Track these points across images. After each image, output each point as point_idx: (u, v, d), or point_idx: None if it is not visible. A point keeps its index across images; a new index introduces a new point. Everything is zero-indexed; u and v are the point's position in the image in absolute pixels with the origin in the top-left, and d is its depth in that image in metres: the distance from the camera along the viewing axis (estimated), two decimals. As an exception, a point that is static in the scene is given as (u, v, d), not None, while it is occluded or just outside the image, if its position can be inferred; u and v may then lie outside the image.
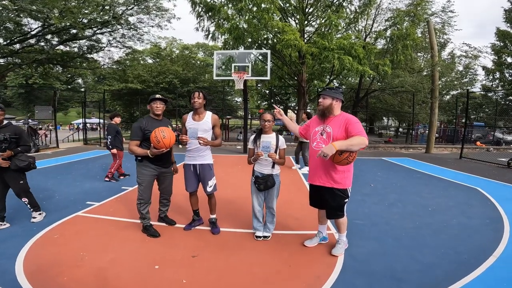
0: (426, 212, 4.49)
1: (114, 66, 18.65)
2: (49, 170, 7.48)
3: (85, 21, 13.41)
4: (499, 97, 23.05)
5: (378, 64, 11.71)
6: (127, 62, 19.81)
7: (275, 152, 3.09)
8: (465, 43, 21.70)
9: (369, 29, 15.44)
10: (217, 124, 3.36)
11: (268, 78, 9.31)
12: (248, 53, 9.58)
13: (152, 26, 16.18)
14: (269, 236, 3.31)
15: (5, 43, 13.70)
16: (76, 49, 16.62)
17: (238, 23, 11.17)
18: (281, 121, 3.30)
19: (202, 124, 3.24)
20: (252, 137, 3.21)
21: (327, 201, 2.77)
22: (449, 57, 19.23)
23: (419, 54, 17.49)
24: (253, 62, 11.48)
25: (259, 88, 22.37)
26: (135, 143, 3.16)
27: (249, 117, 38.01)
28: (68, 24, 12.75)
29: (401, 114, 18.37)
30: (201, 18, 13.84)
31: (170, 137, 2.97)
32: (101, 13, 13.70)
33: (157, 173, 3.34)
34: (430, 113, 12.77)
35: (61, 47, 16.12)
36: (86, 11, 13.24)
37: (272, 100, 23.32)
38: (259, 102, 29.04)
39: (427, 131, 22.35)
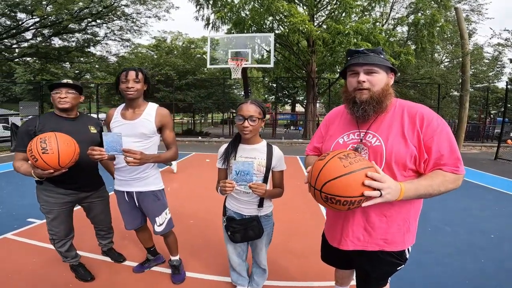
0: (489, 240, 3.18)
1: (114, 60, 17.71)
2: (15, 174, 6.45)
3: (74, 12, 12.40)
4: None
5: (400, 52, 10.24)
6: (132, 57, 18.88)
7: (265, 178, 1.69)
8: (507, 30, 19.52)
9: (387, 17, 13.94)
10: (167, 123, 2.02)
11: (271, 65, 8.03)
12: (247, 37, 8.24)
13: (149, 17, 15.09)
14: (257, 294, 2.06)
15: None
16: (74, 43, 15.75)
17: (238, 8, 9.90)
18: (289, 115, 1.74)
19: (138, 125, 1.92)
20: (223, 148, 1.79)
21: (365, 271, 1.43)
22: (475, 46, 17.55)
23: (437, 46, 15.84)
24: (257, 52, 10.18)
25: (266, 81, 20.99)
26: (21, 157, 1.93)
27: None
28: (56, 17, 11.81)
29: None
30: (200, 5, 12.68)
31: (58, 151, 1.65)
32: (92, 4, 12.68)
33: (73, 199, 2.12)
34: (459, 108, 11.27)
35: (59, 41, 15.31)
36: (80, 3, 12.27)
37: (279, 94, 21.93)
38: (266, 96, 27.63)
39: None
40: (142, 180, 2.02)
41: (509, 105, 22.42)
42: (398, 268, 1.37)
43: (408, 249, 1.35)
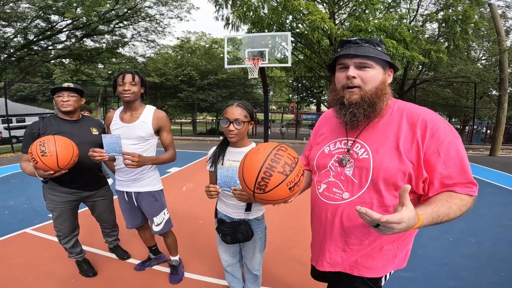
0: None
1: (140, 60, 18.45)
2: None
3: (101, 14, 13.03)
4: None
5: (430, 49, 9.66)
6: (159, 57, 19.61)
7: None
8: None
9: (414, 13, 13.26)
10: (164, 126, 2.05)
11: (289, 64, 7.89)
12: (265, 37, 8.16)
13: (172, 18, 15.54)
14: (253, 299, 2.01)
15: (35, 39, 13.87)
16: (104, 45, 16.62)
17: (256, 7, 9.85)
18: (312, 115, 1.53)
19: (135, 128, 1.96)
20: (211, 151, 1.74)
21: None
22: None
23: (473, 43, 14.74)
24: (278, 51, 10.06)
25: (290, 80, 20.77)
26: (26, 158, 1.98)
27: (278, 110, 36.23)
28: (84, 19, 12.50)
29: (456, 109, 15.71)
30: (220, 5, 12.77)
31: (56, 154, 1.72)
32: (117, 5, 13.26)
33: (76, 198, 2.20)
34: (497, 108, 10.45)
35: (91, 43, 16.23)
36: (107, 5, 12.89)
37: (303, 94, 21.61)
38: (290, 95, 27.28)
39: (484, 129, 19.53)
40: (140, 181, 2.06)
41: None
42: None
43: (385, 276, 1.17)
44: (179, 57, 19.62)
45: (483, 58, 15.31)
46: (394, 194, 1.01)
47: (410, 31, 9.77)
